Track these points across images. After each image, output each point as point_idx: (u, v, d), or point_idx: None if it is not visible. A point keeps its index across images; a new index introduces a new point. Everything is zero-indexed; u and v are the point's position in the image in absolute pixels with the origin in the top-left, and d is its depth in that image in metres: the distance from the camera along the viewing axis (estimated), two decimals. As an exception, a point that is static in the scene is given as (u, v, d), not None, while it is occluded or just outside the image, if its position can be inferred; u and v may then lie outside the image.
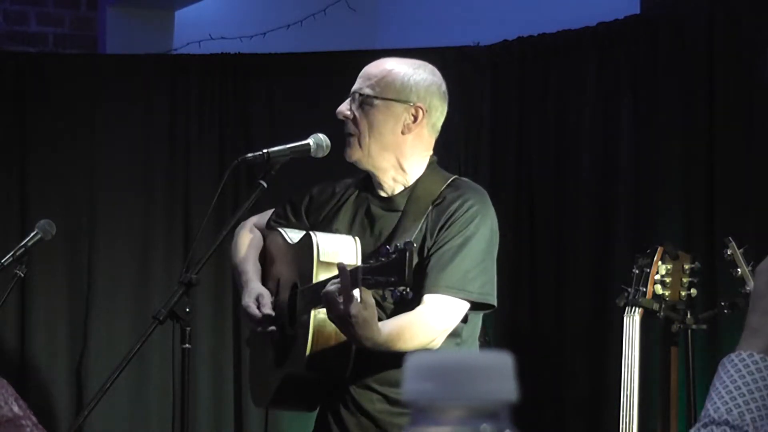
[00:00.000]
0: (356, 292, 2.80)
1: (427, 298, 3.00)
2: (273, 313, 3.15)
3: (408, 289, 2.69)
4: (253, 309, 3.16)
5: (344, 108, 3.16)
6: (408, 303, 2.98)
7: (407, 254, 2.66)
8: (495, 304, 3.10)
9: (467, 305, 3.03)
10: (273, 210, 3.42)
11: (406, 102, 3.12)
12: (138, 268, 5.45)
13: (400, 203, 3.15)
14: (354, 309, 2.81)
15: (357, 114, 3.13)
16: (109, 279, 5.42)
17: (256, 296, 3.19)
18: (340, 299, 2.81)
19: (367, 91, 3.13)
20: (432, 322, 2.99)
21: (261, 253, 3.38)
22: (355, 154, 3.14)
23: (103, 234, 5.43)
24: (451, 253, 3.02)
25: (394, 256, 2.70)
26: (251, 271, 3.30)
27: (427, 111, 3.13)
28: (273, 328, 3.14)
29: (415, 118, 3.12)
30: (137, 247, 5.46)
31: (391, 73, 3.14)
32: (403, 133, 3.13)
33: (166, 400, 5.04)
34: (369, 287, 2.76)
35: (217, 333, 5.43)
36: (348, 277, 2.78)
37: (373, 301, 2.83)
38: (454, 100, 3.30)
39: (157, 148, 5.51)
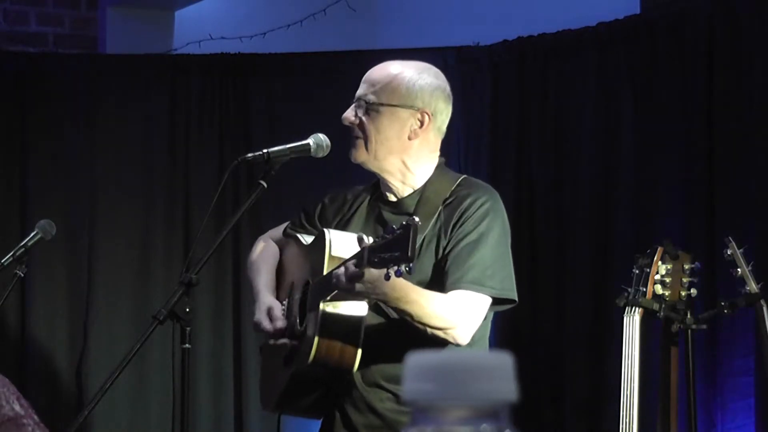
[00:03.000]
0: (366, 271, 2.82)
1: (451, 294, 3.01)
2: (285, 325, 3.16)
3: (411, 265, 2.69)
4: (266, 324, 3.16)
5: (350, 114, 3.15)
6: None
7: (411, 229, 2.67)
8: (516, 299, 3.11)
9: (489, 301, 3.04)
10: (288, 222, 3.43)
11: (411, 107, 3.13)
12: (138, 268, 5.45)
13: (409, 206, 3.15)
14: (359, 286, 2.85)
15: (363, 119, 3.13)
16: (109, 279, 5.42)
17: (267, 309, 3.19)
18: (346, 281, 2.83)
19: (372, 97, 3.13)
20: (451, 310, 2.99)
21: (276, 264, 3.38)
22: (361, 156, 3.15)
23: (103, 234, 5.43)
24: (468, 249, 3.03)
25: (398, 232, 2.71)
26: (262, 283, 3.30)
27: (432, 115, 3.14)
28: (285, 340, 3.15)
29: (422, 123, 3.13)
30: (137, 247, 5.46)
31: (396, 78, 3.13)
32: (409, 138, 3.14)
33: (166, 400, 5.04)
34: (374, 266, 2.76)
35: (217, 333, 5.43)
36: (364, 254, 2.79)
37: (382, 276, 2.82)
38: (454, 100, 3.30)
39: (157, 148, 5.51)
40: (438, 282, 3.03)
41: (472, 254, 3.03)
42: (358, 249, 2.87)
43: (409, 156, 3.15)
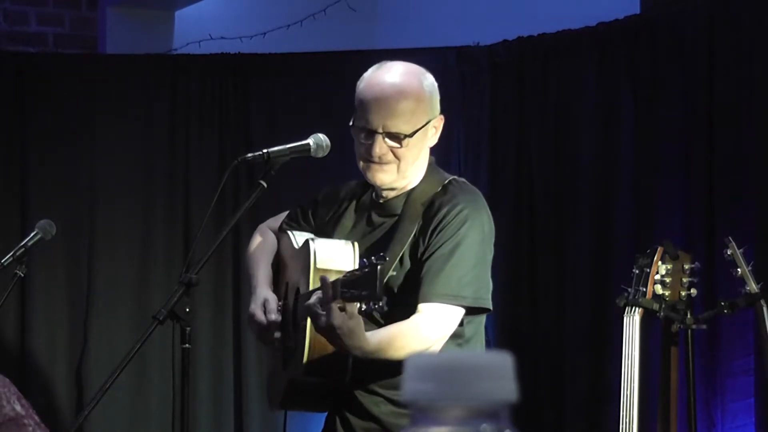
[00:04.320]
0: (337, 304, 2.81)
1: (422, 307, 2.99)
2: (279, 319, 3.14)
3: (381, 304, 2.70)
4: (260, 316, 3.15)
5: (383, 150, 3.06)
6: (399, 312, 2.99)
7: (377, 269, 2.67)
8: (490, 308, 3.10)
9: (462, 311, 3.03)
10: (287, 213, 3.42)
11: (434, 118, 3.12)
12: (138, 268, 5.45)
13: (396, 207, 3.14)
14: (337, 320, 2.82)
15: (399, 151, 3.07)
16: (109, 279, 5.42)
17: (262, 302, 3.18)
18: (322, 312, 2.83)
19: (406, 128, 3.06)
20: (426, 332, 2.98)
21: (273, 256, 3.37)
22: (390, 178, 3.10)
23: (103, 234, 5.43)
24: (442, 260, 3.01)
25: (366, 270, 2.71)
26: (260, 275, 3.29)
27: (442, 118, 3.14)
28: (278, 334, 3.14)
29: (436, 129, 3.13)
30: (137, 247, 5.46)
31: (419, 98, 3.08)
32: (429, 147, 3.14)
33: (166, 400, 5.04)
34: (347, 300, 2.77)
35: (217, 333, 5.43)
36: (329, 290, 2.80)
37: (356, 310, 2.83)
38: (454, 100, 3.30)
39: (157, 148, 5.51)
40: (414, 287, 3.03)
41: (447, 264, 3.00)
42: (343, 258, 2.88)
43: (419, 161, 3.14)
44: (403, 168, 3.09)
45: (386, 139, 3.05)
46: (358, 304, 2.74)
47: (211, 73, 5.55)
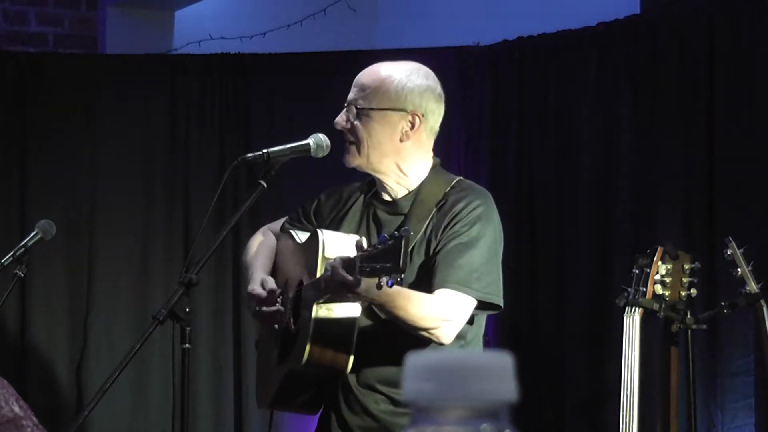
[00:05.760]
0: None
1: (436, 292, 3.02)
2: (277, 289, 3.15)
3: (402, 276, 2.72)
4: (258, 289, 3.16)
5: (341, 120, 3.17)
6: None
7: (403, 240, 2.69)
8: (501, 304, 3.12)
9: (474, 303, 3.04)
10: (287, 216, 3.44)
11: (401, 110, 3.13)
12: (138, 268, 5.45)
13: (404, 206, 3.16)
14: (351, 295, 2.90)
15: (355, 124, 3.14)
16: (109, 279, 5.42)
17: (261, 280, 3.19)
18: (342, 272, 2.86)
19: (362, 102, 3.14)
20: (439, 307, 3.00)
21: (273, 255, 3.38)
22: (355, 161, 3.17)
23: (103, 234, 5.43)
24: (456, 251, 3.04)
25: (390, 242, 2.73)
26: (257, 266, 3.30)
27: (423, 116, 3.15)
28: (279, 307, 3.14)
29: (413, 125, 3.14)
30: (137, 247, 5.46)
31: (385, 82, 3.14)
32: (401, 140, 3.15)
33: (166, 400, 5.04)
34: (366, 275, 2.79)
35: (217, 333, 5.43)
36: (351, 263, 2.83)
37: (374, 285, 2.84)
38: (454, 100, 3.31)
39: (157, 148, 5.51)
40: (426, 283, 3.04)
41: (461, 255, 3.03)
42: (350, 250, 2.88)
43: (401, 158, 3.16)
44: (364, 152, 3.14)
45: (347, 112, 3.17)
46: (378, 279, 2.75)
47: (211, 73, 5.56)
